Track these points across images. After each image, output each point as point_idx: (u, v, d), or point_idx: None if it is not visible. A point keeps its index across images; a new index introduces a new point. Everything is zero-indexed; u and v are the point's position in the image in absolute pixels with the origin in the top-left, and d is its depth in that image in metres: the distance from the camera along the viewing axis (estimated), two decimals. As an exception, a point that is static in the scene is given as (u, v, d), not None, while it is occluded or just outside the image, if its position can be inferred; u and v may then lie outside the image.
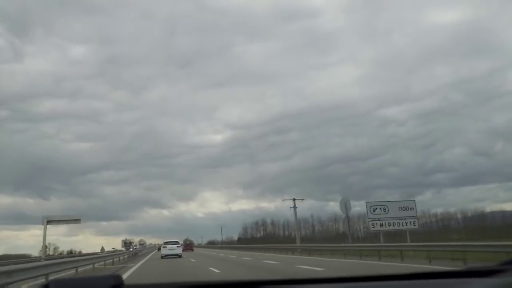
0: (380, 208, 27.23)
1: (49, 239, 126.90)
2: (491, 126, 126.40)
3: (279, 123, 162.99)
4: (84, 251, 76.13)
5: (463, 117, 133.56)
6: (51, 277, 12.78)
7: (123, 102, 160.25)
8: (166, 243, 32.85)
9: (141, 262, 27.18)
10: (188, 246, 57.21)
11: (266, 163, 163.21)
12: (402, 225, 27.12)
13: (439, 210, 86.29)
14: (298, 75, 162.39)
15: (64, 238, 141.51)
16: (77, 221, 39.31)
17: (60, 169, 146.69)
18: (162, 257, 30.65)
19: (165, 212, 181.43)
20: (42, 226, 36.54)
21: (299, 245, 38.30)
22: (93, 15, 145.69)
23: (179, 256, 31.07)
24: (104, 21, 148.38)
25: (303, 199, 49.81)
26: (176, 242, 33.15)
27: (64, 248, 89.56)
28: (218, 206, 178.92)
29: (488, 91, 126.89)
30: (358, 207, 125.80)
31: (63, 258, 26.47)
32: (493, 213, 76.03)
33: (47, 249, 71.79)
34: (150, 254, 47.41)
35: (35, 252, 71.71)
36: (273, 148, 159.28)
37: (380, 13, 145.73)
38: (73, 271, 16.96)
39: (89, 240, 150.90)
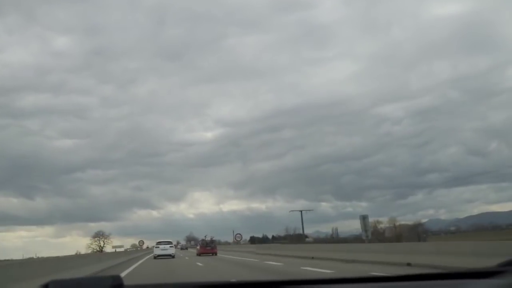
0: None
1: (36, 240, 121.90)
2: (487, 125, 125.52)
3: (272, 121, 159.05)
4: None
5: (459, 116, 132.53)
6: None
7: (110, 97, 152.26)
8: (159, 243, 33.24)
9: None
10: (209, 247, 35.76)
11: (257, 162, 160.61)
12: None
13: (430, 211, 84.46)
14: (293, 70, 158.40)
15: (51, 240, 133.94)
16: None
17: (45, 168, 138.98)
18: (155, 258, 31.12)
19: (154, 213, 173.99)
20: (30, 228, 35.19)
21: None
22: (77, 3, 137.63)
23: (171, 256, 31.35)
24: (89, 9, 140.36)
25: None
26: (169, 242, 33.57)
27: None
28: (208, 206, 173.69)
29: (485, 88, 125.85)
30: (350, 207, 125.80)
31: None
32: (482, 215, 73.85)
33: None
34: None
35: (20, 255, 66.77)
36: (265, 146, 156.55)
37: (379, 5, 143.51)
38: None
39: (77, 242, 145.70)
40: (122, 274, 14.12)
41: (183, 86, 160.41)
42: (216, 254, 34.75)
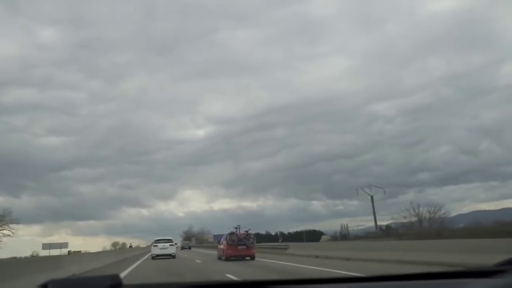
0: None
1: (24, 239, 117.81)
2: (479, 123, 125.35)
3: (264, 118, 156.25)
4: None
5: (451, 114, 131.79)
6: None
7: (98, 92, 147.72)
8: (158, 241, 30.38)
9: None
10: (243, 245, 21.61)
11: (249, 161, 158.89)
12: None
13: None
14: (286, 66, 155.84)
15: (39, 239, 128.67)
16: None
17: (31, 165, 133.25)
18: (153, 258, 29.09)
19: (144, 211, 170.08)
20: (16, 226, 31.93)
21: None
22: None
23: (172, 256, 29.04)
24: (76, 0, 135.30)
25: None
26: (169, 240, 30.54)
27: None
28: (198, 205, 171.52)
29: (478, 86, 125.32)
30: (341, 206, 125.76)
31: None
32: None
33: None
34: None
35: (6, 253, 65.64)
36: (256, 145, 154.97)
37: None
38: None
39: (65, 240, 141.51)
40: None
41: (173, 81, 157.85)
42: (253, 258, 21.91)
